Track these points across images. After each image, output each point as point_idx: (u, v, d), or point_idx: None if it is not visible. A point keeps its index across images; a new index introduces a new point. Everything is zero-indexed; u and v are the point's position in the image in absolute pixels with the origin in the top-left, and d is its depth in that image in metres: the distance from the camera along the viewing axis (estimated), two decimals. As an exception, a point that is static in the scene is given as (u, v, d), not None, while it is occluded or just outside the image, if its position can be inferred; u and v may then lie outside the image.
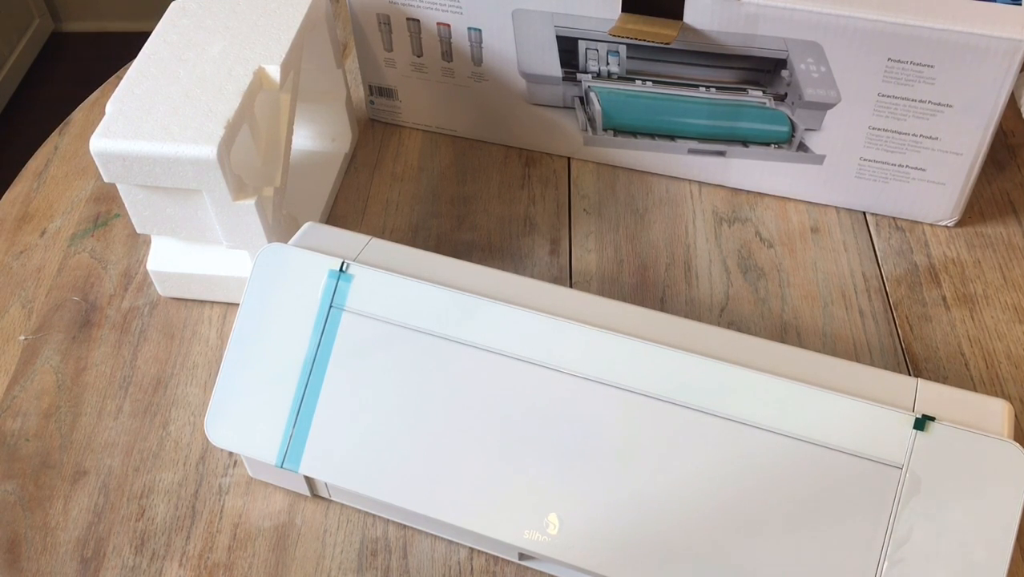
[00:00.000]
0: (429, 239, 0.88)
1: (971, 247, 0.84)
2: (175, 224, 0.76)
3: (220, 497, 0.71)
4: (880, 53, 0.76)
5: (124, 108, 0.72)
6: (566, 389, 0.62)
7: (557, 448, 0.62)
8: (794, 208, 0.89)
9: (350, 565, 0.67)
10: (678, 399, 0.61)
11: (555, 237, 0.87)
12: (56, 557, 0.68)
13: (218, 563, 0.67)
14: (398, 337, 0.65)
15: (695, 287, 0.82)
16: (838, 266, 0.83)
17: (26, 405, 0.77)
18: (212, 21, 0.80)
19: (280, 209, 0.78)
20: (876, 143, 0.82)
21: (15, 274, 0.87)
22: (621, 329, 0.63)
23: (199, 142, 0.69)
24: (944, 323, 0.79)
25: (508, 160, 0.95)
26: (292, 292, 0.67)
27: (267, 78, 0.75)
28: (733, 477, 0.57)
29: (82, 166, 0.97)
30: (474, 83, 0.91)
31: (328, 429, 0.65)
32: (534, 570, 0.66)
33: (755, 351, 0.63)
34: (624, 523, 0.60)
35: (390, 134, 0.98)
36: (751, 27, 0.78)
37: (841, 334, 0.78)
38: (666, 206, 0.89)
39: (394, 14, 0.89)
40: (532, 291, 0.67)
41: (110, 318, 0.83)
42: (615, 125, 0.89)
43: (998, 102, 0.76)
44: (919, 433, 0.58)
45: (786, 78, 0.81)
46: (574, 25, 0.83)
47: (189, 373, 0.78)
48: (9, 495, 0.72)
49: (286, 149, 0.79)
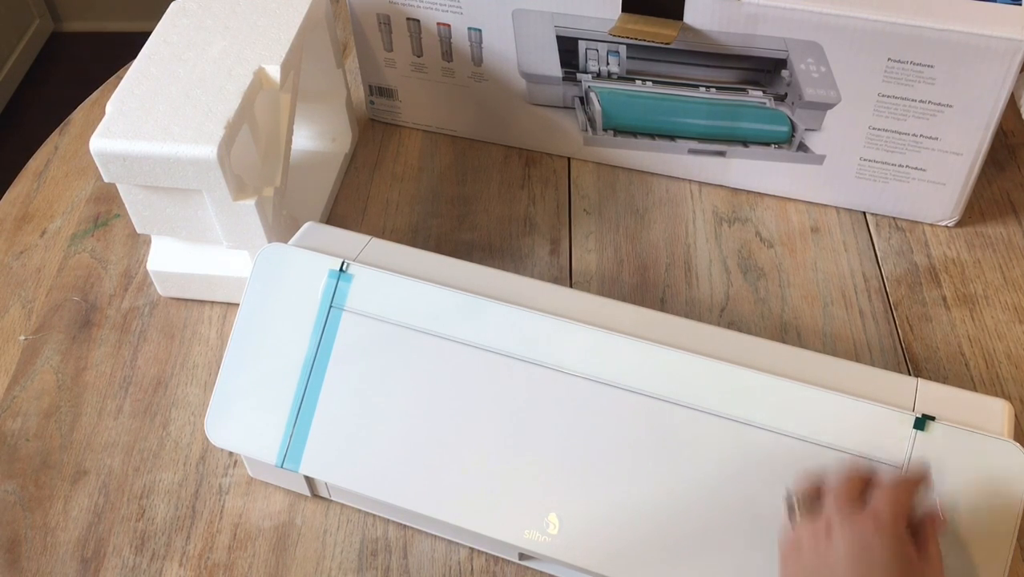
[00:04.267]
0: (429, 239, 0.88)
1: (971, 247, 0.84)
2: (175, 224, 0.76)
3: (220, 497, 0.71)
4: (880, 53, 0.76)
5: (124, 108, 0.72)
6: (566, 389, 0.62)
7: (557, 448, 0.62)
8: (794, 208, 0.89)
9: (350, 565, 0.67)
10: (678, 399, 0.61)
11: (555, 237, 0.87)
12: (56, 557, 0.68)
13: (218, 563, 0.67)
14: (398, 337, 0.65)
15: (695, 287, 0.82)
16: (838, 266, 0.83)
17: (26, 405, 0.77)
18: (212, 21, 0.79)
19: (280, 209, 0.78)
20: (876, 143, 0.82)
21: (15, 274, 0.87)
22: (621, 329, 0.63)
23: (199, 142, 0.69)
24: (944, 323, 0.79)
25: (508, 160, 0.95)
26: (292, 292, 0.67)
27: (267, 78, 0.75)
28: (733, 477, 0.56)
29: (82, 166, 0.97)
30: (474, 83, 0.91)
31: (328, 429, 0.65)
32: (534, 570, 0.66)
33: (755, 351, 0.63)
34: (624, 523, 0.60)
35: (390, 134, 0.98)
36: (751, 27, 0.78)
37: (841, 334, 0.78)
38: (666, 206, 0.89)
39: (394, 14, 0.89)
40: (532, 291, 0.67)
41: (110, 318, 0.83)
42: (615, 125, 0.89)
43: (998, 102, 0.76)
44: (919, 433, 0.58)
45: (786, 78, 0.81)
46: (574, 25, 0.83)
47: (189, 373, 0.78)
48: (9, 495, 0.72)
49: (286, 149, 0.79)
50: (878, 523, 0.48)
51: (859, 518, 0.49)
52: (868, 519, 0.49)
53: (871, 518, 0.49)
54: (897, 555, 0.47)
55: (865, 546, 0.47)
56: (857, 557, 0.47)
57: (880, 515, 0.49)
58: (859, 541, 0.48)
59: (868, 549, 0.47)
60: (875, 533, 0.48)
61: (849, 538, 0.48)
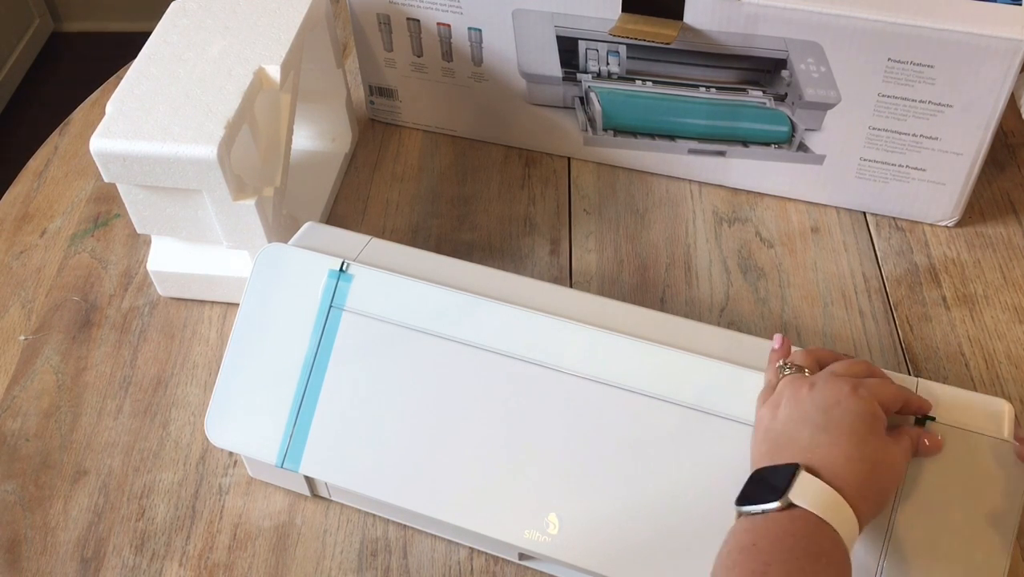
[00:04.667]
0: (429, 239, 0.88)
1: (971, 247, 0.84)
2: (175, 224, 0.76)
3: (220, 497, 0.71)
4: (880, 53, 0.76)
5: (124, 108, 0.72)
6: (566, 389, 0.62)
7: (557, 448, 0.62)
8: (794, 208, 0.89)
9: (350, 565, 0.67)
10: (678, 399, 0.61)
11: (555, 237, 0.87)
12: (56, 557, 0.68)
13: (218, 563, 0.67)
14: (398, 337, 0.65)
15: (695, 287, 0.82)
16: (838, 266, 0.83)
17: (26, 405, 0.77)
18: (212, 21, 0.79)
19: (280, 209, 0.78)
20: (876, 143, 0.82)
21: (15, 274, 0.87)
22: (621, 329, 0.63)
23: (199, 142, 0.69)
24: (944, 323, 0.79)
25: (508, 160, 0.95)
26: (292, 292, 0.67)
27: (267, 78, 0.75)
28: (734, 477, 0.56)
29: (82, 166, 0.97)
30: (474, 83, 0.91)
31: (328, 429, 0.65)
32: (534, 570, 0.66)
33: (755, 351, 0.63)
34: (624, 523, 0.60)
35: (390, 134, 0.98)
36: (751, 27, 0.78)
37: (841, 334, 0.78)
38: (666, 206, 0.89)
39: (394, 14, 0.89)
40: (532, 291, 0.67)
41: (110, 318, 0.83)
42: (615, 125, 0.89)
43: (998, 102, 0.76)
44: (919, 433, 0.58)
45: (786, 78, 0.81)
46: (574, 25, 0.83)
47: (189, 373, 0.78)
48: (9, 495, 0.72)
49: (286, 149, 0.79)
50: (856, 390, 0.54)
51: (842, 380, 0.54)
52: (848, 383, 0.54)
53: (851, 384, 0.54)
54: (863, 414, 0.52)
55: (838, 400, 0.53)
56: (829, 407, 0.53)
57: (860, 386, 0.54)
58: (834, 395, 0.53)
59: (839, 404, 0.53)
60: (850, 394, 0.53)
61: (825, 392, 0.54)
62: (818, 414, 0.53)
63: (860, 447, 0.52)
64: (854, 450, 0.52)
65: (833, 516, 0.49)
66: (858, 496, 0.51)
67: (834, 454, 0.52)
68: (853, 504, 0.50)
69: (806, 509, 0.50)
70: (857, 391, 0.54)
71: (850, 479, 0.51)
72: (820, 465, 0.51)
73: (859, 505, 0.51)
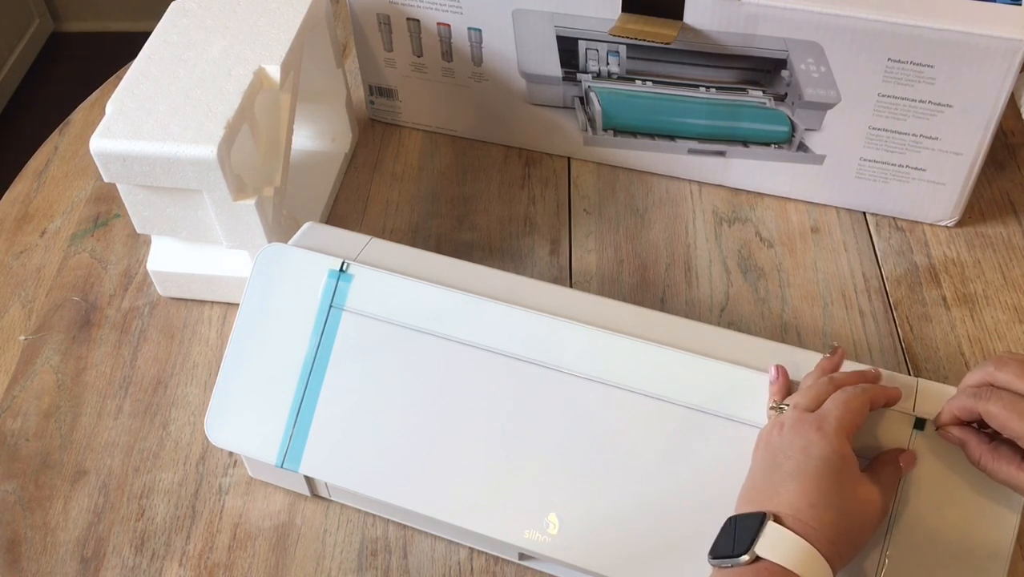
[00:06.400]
0: (429, 239, 0.88)
1: (971, 247, 0.84)
2: (175, 224, 0.76)
3: (220, 497, 0.71)
4: (880, 53, 0.76)
5: (124, 108, 0.72)
6: (566, 389, 0.62)
7: (557, 448, 0.62)
8: (794, 208, 0.89)
9: (350, 565, 0.67)
10: (678, 399, 0.61)
11: (555, 237, 0.87)
12: (56, 557, 0.68)
13: (218, 563, 0.67)
14: (398, 337, 0.65)
15: (695, 287, 0.82)
16: (838, 266, 0.83)
17: (26, 405, 0.77)
18: (212, 21, 0.79)
19: (280, 209, 0.78)
20: (876, 143, 0.82)
21: (15, 274, 0.87)
22: (621, 329, 0.63)
23: (199, 142, 0.69)
24: (944, 323, 0.79)
25: (508, 160, 0.95)
26: (292, 292, 0.67)
27: (267, 78, 0.75)
28: (734, 477, 0.56)
29: (82, 166, 0.97)
30: (474, 83, 0.91)
31: (328, 429, 0.65)
32: (534, 570, 0.66)
33: (755, 351, 0.63)
34: (624, 523, 0.60)
35: (390, 134, 0.98)
36: (751, 27, 0.78)
37: (841, 334, 0.78)
38: (666, 206, 0.89)
39: (394, 14, 0.89)
40: (532, 291, 0.67)
41: (110, 318, 0.83)
42: (615, 125, 0.89)
43: (998, 102, 0.76)
44: (919, 433, 0.58)
45: (786, 78, 0.81)
46: (574, 25, 0.83)
47: (189, 373, 0.78)
48: (9, 495, 0.72)
49: (286, 149, 0.79)
50: (820, 429, 0.54)
51: (807, 422, 0.55)
52: (812, 423, 0.54)
53: (816, 424, 0.54)
54: (829, 457, 0.53)
55: (805, 445, 0.53)
56: (795, 452, 0.53)
57: (824, 422, 0.54)
58: (801, 439, 0.54)
59: (805, 449, 0.53)
60: (817, 438, 0.53)
61: (792, 436, 0.54)
62: (785, 460, 0.53)
63: (827, 494, 0.52)
64: (821, 497, 0.51)
65: (802, 568, 0.49)
66: (827, 542, 0.50)
67: (802, 502, 0.51)
68: (824, 551, 0.50)
69: (773, 562, 0.49)
70: (822, 429, 0.53)
71: (818, 526, 0.51)
72: (787, 513, 0.51)
73: (830, 551, 0.50)
